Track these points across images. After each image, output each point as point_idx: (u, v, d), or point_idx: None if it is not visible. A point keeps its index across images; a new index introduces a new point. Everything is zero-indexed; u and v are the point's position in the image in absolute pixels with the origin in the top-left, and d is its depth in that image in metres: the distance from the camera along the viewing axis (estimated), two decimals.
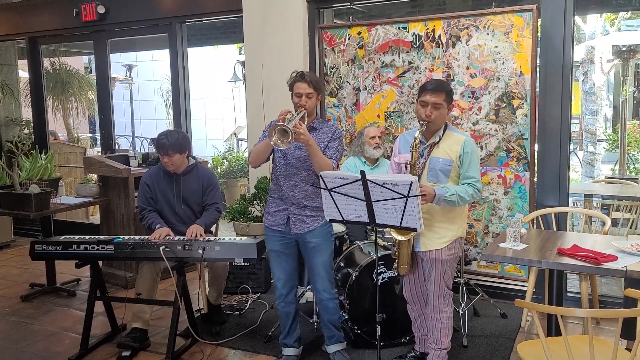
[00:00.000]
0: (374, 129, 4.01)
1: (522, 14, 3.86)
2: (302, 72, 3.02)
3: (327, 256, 3.13)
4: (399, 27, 4.28)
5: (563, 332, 2.10)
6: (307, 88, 2.96)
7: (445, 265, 2.89)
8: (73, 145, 8.55)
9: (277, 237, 3.11)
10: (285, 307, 3.19)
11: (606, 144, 9.57)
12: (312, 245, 3.07)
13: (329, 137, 3.06)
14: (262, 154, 3.03)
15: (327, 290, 3.13)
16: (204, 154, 10.34)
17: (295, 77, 3.02)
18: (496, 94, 3.99)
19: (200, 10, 5.33)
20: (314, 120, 3.07)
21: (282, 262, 3.14)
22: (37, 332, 3.88)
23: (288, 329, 3.24)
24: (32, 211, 4.14)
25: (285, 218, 3.07)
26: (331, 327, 3.20)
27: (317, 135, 3.03)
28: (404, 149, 2.97)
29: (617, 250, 2.68)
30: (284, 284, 3.16)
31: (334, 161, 3.01)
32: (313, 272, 3.14)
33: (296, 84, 2.99)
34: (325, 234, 3.12)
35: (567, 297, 3.94)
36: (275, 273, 3.18)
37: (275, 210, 3.11)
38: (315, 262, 3.10)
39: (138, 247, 3.33)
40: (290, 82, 3.04)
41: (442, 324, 2.95)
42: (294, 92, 3.00)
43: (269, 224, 3.14)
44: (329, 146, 3.05)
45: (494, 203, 4.10)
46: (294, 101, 3.00)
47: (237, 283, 4.44)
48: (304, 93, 2.96)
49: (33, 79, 6.64)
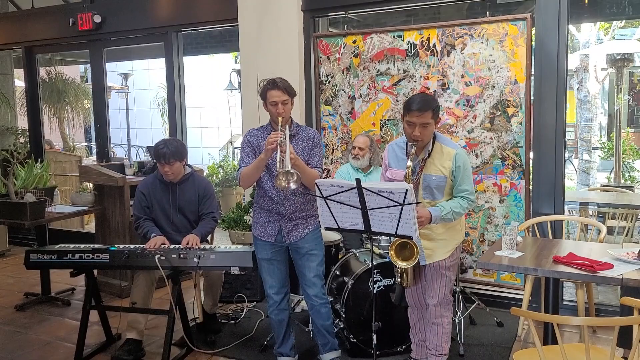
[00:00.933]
0: (362, 139, 4.01)
1: (516, 23, 3.88)
2: (273, 80, 2.92)
3: (319, 261, 3.12)
4: (394, 35, 4.30)
5: (559, 340, 2.09)
6: (281, 95, 2.89)
7: (449, 273, 2.94)
8: (68, 154, 8.53)
9: (268, 246, 3.09)
10: (278, 315, 3.16)
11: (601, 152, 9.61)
12: (305, 250, 3.07)
13: (310, 145, 3.02)
14: (254, 177, 2.97)
15: (319, 296, 3.11)
16: (199, 162, 10.32)
17: (266, 85, 2.92)
18: (491, 102, 4.01)
19: (196, 19, 5.35)
20: (291, 127, 3.01)
21: (274, 270, 3.12)
22: (32, 341, 3.85)
23: (282, 338, 3.21)
24: (27, 220, 4.12)
25: (276, 229, 3.05)
26: (325, 334, 3.18)
27: (297, 143, 2.99)
28: (395, 163, 2.95)
29: (613, 258, 2.68)
30: (277, 291, 3.14)
31: (319, 169, 3.00)
32: (305, 278, 3.11)
33: (269, 92, 2.90)
34: (317, 239, 3.11)
35: (564, 305, 3.93)
36: (267, 281, 3.15)
37: (266, 222, 3.07)
38: (308, 267, 3.08)
39: (133, 255, 3.32)
40: (261, 92, 2.96)
41: (444, 329, 2.95)
42: (268, 102, 2.92)
43: (259, 235, 3.10)
44: (312, 154, 3.01)
45: (490, 211, 4.10)
46: (270, 110, 2.94)
47: (233, 292, 4.42)
48: (279, 101, 2.89)
49: (29, 87, 6.64)
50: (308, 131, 3.08)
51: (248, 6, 4.78)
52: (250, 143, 3.05)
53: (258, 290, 4.42)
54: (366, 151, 3.97)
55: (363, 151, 3.96)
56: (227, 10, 5.01)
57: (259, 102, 4.70)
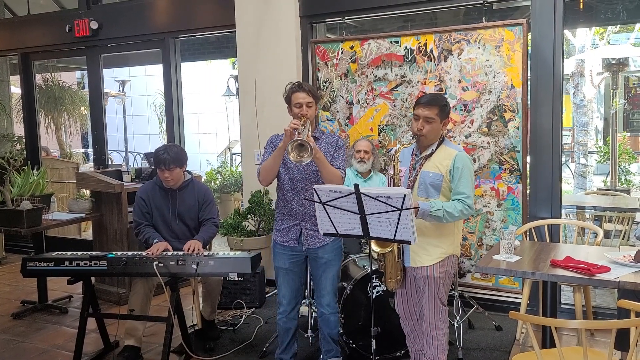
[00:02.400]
0: (365, 143, 4.00)
1: (512, 28, 3.90)
2: (298, 82, 3.00)
3: (336, 271, 3.13)
4: (391, 41, 4.32)
5: (557, 343, 2.10)
6: (306, 97, 2.93)
7: (439, 283, 2.84)
8: (65, 161, 8.51)
9: (288, 255, 3.08)
10: (286, 323, 3.16)
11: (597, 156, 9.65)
12: (324, 260, 3.07)
13: (334, 147, 3.04)
14: (272, 170, 2.98)
15: (331, 305, 3.13)
16: (197, 168, 10.31)
17: (292, 88, 2.98)
18: (488, 107, 4.03)
19: (194, 26, 5.36)
20: (315, 130, 3.05)
21: (289, 280, 3.12)
22: (29, 350, 3.83)
23: (286, 344, 3.20)
24: (24, 227, 4.11)
25: (297, 233, 3.06)
26: (330, 341, 3.19)
27: (320, 145, 3.00)
28: (402, 163, 2.97)
29: (610, 262, 2.69)
30: (290, 301, 3.13)
31: (342, 171, 3.00)
32: (320, 287, 3.12)
33: (295, 94, 2.95)
34: (337, 249, 3.12)
35: (561, 308, 3.94)
36: (281, 290, 3.14)
37: (286, 227, 3.08)
38: (325, 277, 3.09)
39: (131, 262, 3.30)
40: (287, 94, 3.00)
41: (439, 340, 2.92)
42: (293, 103, 2.95)
43: (280, 241, 3.10)
44: (335, 156, 3.02)
45: (487, 215, 4.11)
46: (294, 112, 2.95)
47: (231, 298, 4.41)
48: (305, 102, 2.92)
49: (25, 94, 6.63)
50: (332, 136, 3.13)
51: (246, 12, 4.80)
52: (273, 144, 3.07)
53: (257, 296, 4.41)
54: (370, 154, 3.96)
55: (368, 154, 3.94)
56: (224, 17, 5.03)
57: (256, 108, 4.75)
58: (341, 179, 2.97)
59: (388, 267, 2.86)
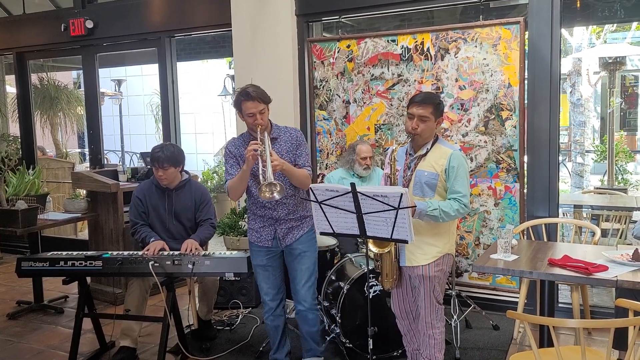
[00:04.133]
0: (367, 148, 3.98)
1: (509, 27, 3.90)
2: (245, 91, 2.87)
3: (312, 263, 3.11)
4: (388, 40, 4.31)
5: (555, 343, 2.09)
6: (257, 105, 2.85)
7: (434, 282, 2.82)
8: (61, 161, 8.47)
9: (264, 252, 3.09)
10: (274, 321, 3.16)
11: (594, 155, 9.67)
12: (298, 252, 3.06)
13: (295, 145, 3.01)
14: (241, 187, 2.96)
15: (307, 300, 3.10)
16: (194, 168, 10.29)
17: (239, 97, 2.88)
18: (485, 106, 4.02)
19: (189, 25, 5.34)
20: (272, 131, 3.00)
21: (269, 276, 3.11)
22: (24, 350, 3.80)
23: (278, 344, 3.20)
24: (19, 227, 4.09)
25: (272, 233, 3.06)
26: (309, 340, 3.17)
27: (281, 145, 2.98)
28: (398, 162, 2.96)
29: (608, 260, 2.69)
30: (273, 297, 3.13)
31: (308, 168, 2.99)
32: (295, 280, 3.10)
33: (244, 104, 2.86)
34: (310, 240, 3.10)
35: (559, 308, 3.94)
36: (263, 287, 3.14)
37: (261, 227, 3.07)
38: (300, 269, 3.07)
39: (127, 262, 3.28)
40: (235, 103, 2.93)
41: (435, 339, 2.91)
42: (245, 114, 2.88)
43: (255, 241, 3.10)
44: (298, 154, 3.00)
45: (485, 214, 4.10)
46: (248, 121, 2.90)
47: (228, 298, 4.40)
48: (257, 111, 2.86)
49: (21, 94, 6.60)
50: (290, 131, 3.06)
51: (241, 11, 4.78)
52: (233, 154, 3.04)
53: (253, 296, 4.40)
54: (372, 158, 3.99)
55: (371, 159, 3.99)
56: (220, 16, 5.01)
57: None
58: (309, 178, 2.97)
59: (385, 267, 2.85)
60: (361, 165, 3.96)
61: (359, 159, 3.96)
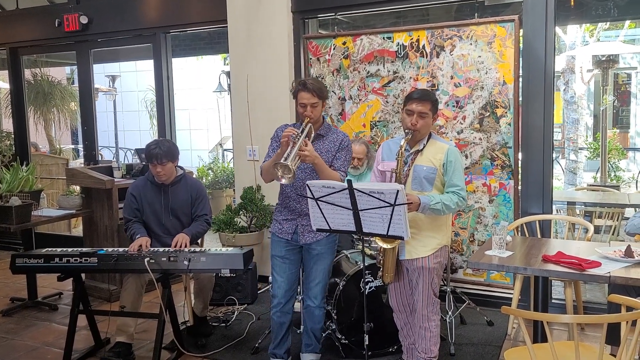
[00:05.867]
0: (360, 149, 3.96)
1: (504, 25, 3.91)
2: (304, 81, 2.95)
3: (328, 264, 3.13)
4: (384, 37, 4.32)
5: (549, 338, 2.11)
6: (311, 98, 2.90)
7: (433, 274, 2.89)
8: (55, 157, 8.44)
9: (283, 243, 3.11)
10: (281, 317, 3.15)
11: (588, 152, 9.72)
12: (316, 252, 3.07)
13: (337, 147, 3.02)
14: (271, 170, 2.94)
15: (318, 298, 3.12)
16: (189, 164, 10.27)
17: (297, 86, 2.95)
18: (480, 103, 4.04)
19: (185, 21, 5.32)
20: (321, 128, 3.03)
21: (285, 269, 3.11)
22: (18, 347, 3.79)
23: (280, 339, 3.19)
24: (13, 224, 4.07)
25: (293, 228, 3.07)
26: (311, 336, 3.19)
27: (324, 143, 3.01)
28: (387, 157, 2.98)
29: (601, 257, 2.71)
30: (285, 292, 3.12)
31: (341, 172, 2.99)
32: (309, 278, 3.12)
33: (300, 93, 2.92)
34: (331, 243, 3.12)
35: (552, 303, 3.97)
36: (277, 280, 3.12)
37: (284, 219, 3.10)
38: (316, 269, 3.10)
39: (122, 259, 3.28)
40: (293, 92, 2.98)
41: (431, 332, 2.95)
42: (299, 102, 2.94)
43: (277, 232, 3.12)
44: (337, 156, 3.02)
45: (479, 211, 4.12)
46: (299, 111, 2.95)
47: (223, 294, 4.40)
48: (309, 103, 2.90)
49: (14, 90, 6.56)
50: (338, 134, 3.09)
51: (237, 8, 4.77)
52: (279, 137, 3.04)
53: (249, 293, 4.41)
54: (364, 159, 3.96)
55: (361, 160, 3.96)
56: (215, 12, 5.00)
57: (248, 104, 4.73)
58: (339, 180, 2.96)
59: (387, 262, 2.88)
60: (351, 165, 3.96)
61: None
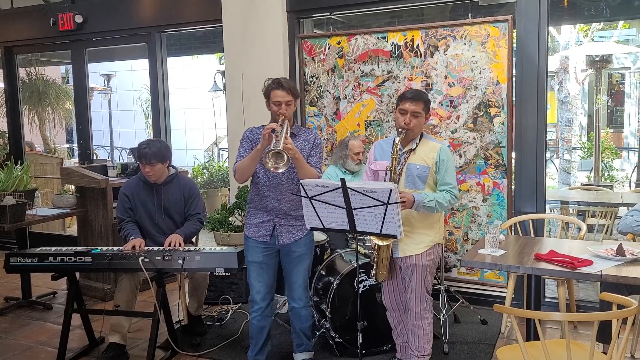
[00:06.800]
0: (359, 144, 4.03)
1: (497, 25, 3.93)
2: (278, 80, 2.93)
3: (308, 264, 3.12)
4: (378, 37, 4.33)
5: (541, 336, 2.12)
6: (285, 95, 2.89)
7: (426, 271, 2.92)
8: (50, 156, 8.41)
9: (260, 249, 3.04)
10: (261, 321, 3.11)
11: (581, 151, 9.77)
12: (297, 254, 3.05)
13: (311, 144, 3.03)
14: (249, 169, 2.95)
15: (302, 299, 3.11)
16: (184, 164, 10.26)
17: (271, 85, 2.93)
18: (474, 103, 4.06)
19: (180, 20, 5.32)
20: (293, 127, 3.03)
21: (263, 274, 3.07)
22: (12, 346, 3.79)
23: (261, 344, 3.15)
24: (7, 223, 4.06)
25: (270, 229, 3.02)
26: (301, 336, 3.18)
27: (298, 142, 2.99)
28: (380, 156, 3.01)
29: (593, 255, 2.73)
30: (264, 297, 3.08)
31: (318, 169, 3.00)
32: (291, 280, 3.10)
33: (273, 92, 2.90)
34: (309, 243, 3.11)
35: (545, 302, 3.99)
36: (254, 286, 3.08)
37: (260, 222, 3.04)
38: (297, 270, 3.07)
39: (116, 258, 3.28)
40: (265, 90, 2.96)
41: (424, 330, 2.97)
42: (272, 101, 2.92)
43: (253, 236, 3.05)
44: (312, 154, 3.02)
45: (473, 210, 4.14)
46: (273, 110, 2.93)
47: (218, 293, 4.40)
48: (283, 101, 2.89)
49: (8, 89, 6.54)
50: (309, 132, 3.10)
51: (232, 7, 4.77)
52: (250, 139, 3.04)
53: (243, 292, 4.41)
54: (364, 152, 4.02)
55: (362, 154, 4.02)
56: (211, 11, 5.00)
57: (243, 103, 4.73)
58: (316, 177, 2.97)
59: (381, 259, 2.90)
60: (354, 161, 4.00)
61: (352, 154, 4.00)
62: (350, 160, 4.00)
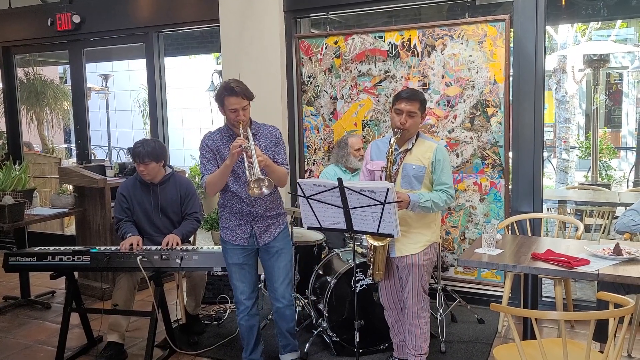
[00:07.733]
0: (358, 140, 4.05)
1: (495, 24, 3.94)
2: (229, 86, 2.82)
3: (289, 260, 3.10)
4: (375, 36, 4.33)
5: (537, 335, 2.13)
6: (241, 101, 2.81)
7: (422, 270, 2.92)
8: (48, 156, 8.41)
9: (239, 250, 3.02)
10: (249, 320, 3.09)
11: (579, 151, 9.79)
12: (275, 250, 3.03)
13: (274, 142, 2.99)
14: (220, 183, 2.90)
15: (286, 297, 3.07)
16: (181, 163, 10.26)
17: (223, 92, 2.84)
18: (471, 102, 4.06)
19: (177, 20, 5.32)
20: (252, 127, 2.96)
21: (245, 275, 3.05)
22: (11, 345, 3.79)
23: (254, 344, 3.15)
24: (6, 222, 4.06)
25: (248, 231, 2.99)
26: (287, 336, 3.16)
27: (260, 141, 2.95)
28: (376, 156, 3.01)
29: (590, 255, 2.74)
30: (249, 296, 3.07)
31: (285, 166, 2.99)
32: (272, 278, 3.06)
33: (228, 99, 2.81)
34: (286, 237, 3.10)
35: (542, 301, 4.00)
36: (238, 287, 3.06)
37: (237, 225, 3.00)
38: (278, 267, 3.05)
39: (114, 257, 3.29)
40: (218, 97, 2.88)
41: (421, 329, 2.97)
42: (228, 109, 2.83)
43: (231, 239, 3.02)
44: (277, 151, 2.99)
45: (470, 210, 4.15)
46: (230, 117, 2.86)
47: (216, 292, 4.41)
48: (240, 107, 2.82)
49: (6, 89, 6.53)
50: (269, 129, 3.03)
51: (229, 7, 4.77)
52: (210, 148, 2.96)
53: None
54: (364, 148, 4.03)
55: (363, 149, 4.02)
56: (208, 11, 5.00)
57: None
58: (287, 175, 2.99)
59: (377, 260, 2.91)
60: (356, 157, 4.02)
61: (353, 152, 4.01)
62: (352, 157, 4.01)
